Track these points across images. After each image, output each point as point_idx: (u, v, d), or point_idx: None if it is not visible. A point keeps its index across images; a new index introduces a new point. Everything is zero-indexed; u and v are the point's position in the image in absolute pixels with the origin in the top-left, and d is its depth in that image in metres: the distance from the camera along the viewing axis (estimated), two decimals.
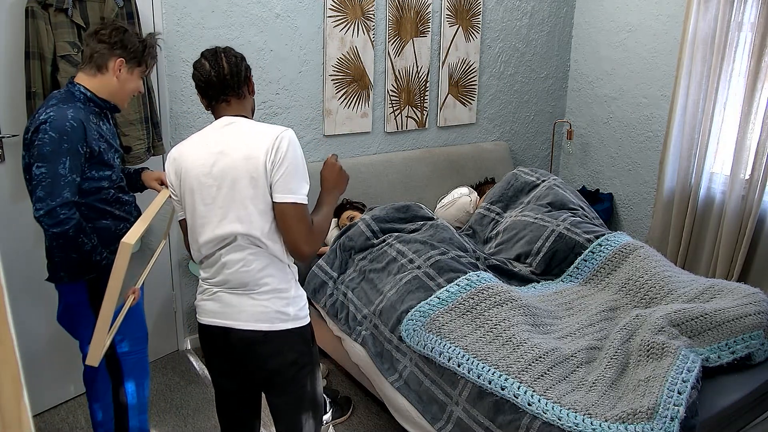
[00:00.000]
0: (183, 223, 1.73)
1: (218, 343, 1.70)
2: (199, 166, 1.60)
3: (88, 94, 1.82)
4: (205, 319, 1.70)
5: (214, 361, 1.77)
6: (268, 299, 1.63)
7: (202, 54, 1.70)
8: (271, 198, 1.58)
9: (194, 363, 3.06)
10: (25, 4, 2.25)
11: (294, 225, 1.57)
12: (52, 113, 1.71)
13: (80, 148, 1.74)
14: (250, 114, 1.74)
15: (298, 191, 1.58)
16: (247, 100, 1.72)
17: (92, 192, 1.82)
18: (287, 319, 1.65)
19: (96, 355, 1.71)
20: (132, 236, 1.66)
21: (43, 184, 1.69)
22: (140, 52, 1.86)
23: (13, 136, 2.36)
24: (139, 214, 2.02)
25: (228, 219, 1.59)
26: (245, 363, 1.69)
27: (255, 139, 1.58)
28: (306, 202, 1.61)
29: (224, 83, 1.65)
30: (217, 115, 1.69)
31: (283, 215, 1.57)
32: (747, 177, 3.31)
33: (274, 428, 1.83)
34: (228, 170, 1.57)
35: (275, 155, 1.55)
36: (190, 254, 1.74)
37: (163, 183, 2.07)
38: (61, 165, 1.70)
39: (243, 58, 1.74)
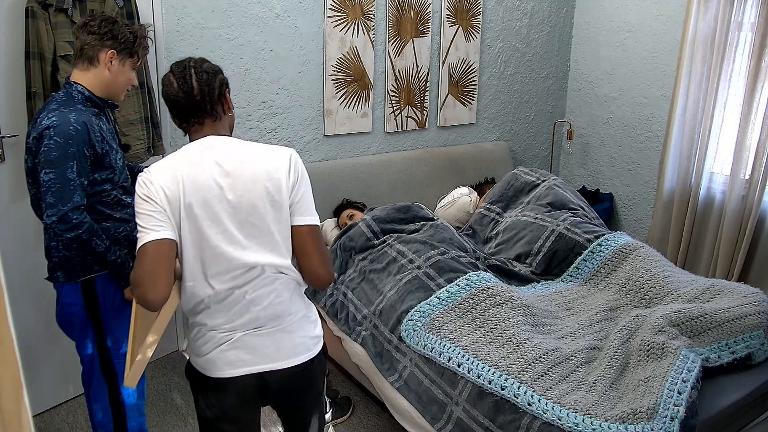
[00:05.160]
0: (152, 247, 1.37)
1: (248, 393, 1.52)
2: (205, 189, 1.40)
3: (86, 93, 1.81)
4: (229, 372, 1.48)
5: (234, 413, 1.55)
6: (301, 327, 1.55)
7: (171, 68, 1.50)
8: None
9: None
10: (25, 4, 2.25)
11: (316, 248, 1.49)
12: (54, 118, 1.70)
13: (86, 151, 1.74)
14: (229, 134, 1.55)
15: (314, 213, 1.52)
16: (225, 119, 1.53)
17: (93, 194, 1.81)
18: (318, 340, 1.62)
19: (135, 376, 1.56)
20: None
21: (53, 190, 1.68)
22: (131, 42, 1.84)
23: (13, 136, 2.36)
24: None
25: (254, 248, 1.43)
26: (282, 399, 1.59)
27: (267, 159, 1.45)
28: None
29: (194, 104, 1.46)
30: (192, 137, 1.50)
31: (305, 239, 1.48)
32: (747, 177, 3.31)
33: (280, 429, 1.76)
34: (245, 194, 1.41)
35: (294, 176, 1.46)
36: (149, 293, 1.35)
37: None
38: (69, 169, 1.69)
39: (217, 72, 1.51)
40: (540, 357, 2.08)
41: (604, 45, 4.06)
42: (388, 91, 3.50)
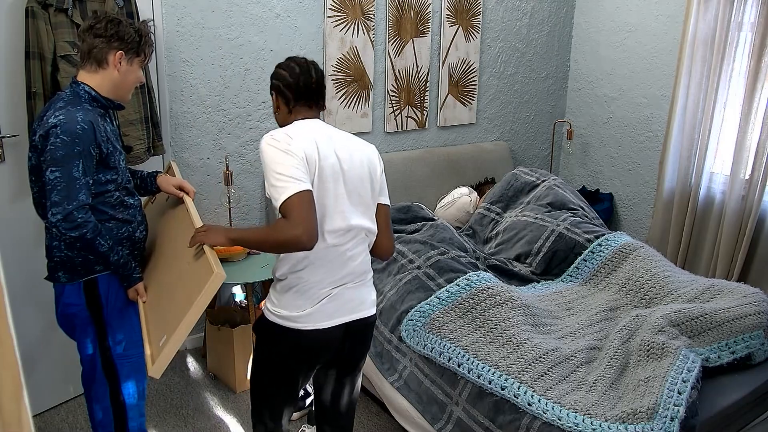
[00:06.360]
0: (304, 195, 1.55)
1: (334, 342, 1.74)
2: (331, 157, 1.66)
3: (93, 93, 1.81)
4: (326, 323, 1.70)
5: (312, 364, 1.79)
6: (372, 284, 1.84)
7: (291, 59, 1.81)
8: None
9: (191, 364, 3.06)
10: (25, 4, 2.25)
11: (389, 225, 1.83)
12: (61, 116, 1.70)
13: (92, 150, 1.74)
14: None
15: (388, 197, 1.84)
16: (321, 110, 1.84)
17: (96, 195, 1.80)
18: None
19: (161, 366, 1.66)
20: (219, 266, 1.65)
21: (58, 189, 1.68)
22: (137, 42, 1.84)
23: (14, 136, 2.36)
24: (144, 218, 2.01)
25: (357, 213, 1.71)
26: (353, 346, 1.80)
27: (366, 147, 1.79)
28: None
29: (309, 90, 1.77)
30: (295, 116, 1.76)
31: (383, 216, 1.80)
32: (747, 177, 3.30)
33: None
34: (355, 169, 1.71)
35: (382, 165, 1.82)
36: (307, 231, 1.53)
37: (182, 189, 2.08)
38: (75, 168, 1.69)
39: (325, 75, 1.86)
40: (540, 357, 2.08)
41: (604, 45, 4.06)
42: (388, 91, 3.50)
